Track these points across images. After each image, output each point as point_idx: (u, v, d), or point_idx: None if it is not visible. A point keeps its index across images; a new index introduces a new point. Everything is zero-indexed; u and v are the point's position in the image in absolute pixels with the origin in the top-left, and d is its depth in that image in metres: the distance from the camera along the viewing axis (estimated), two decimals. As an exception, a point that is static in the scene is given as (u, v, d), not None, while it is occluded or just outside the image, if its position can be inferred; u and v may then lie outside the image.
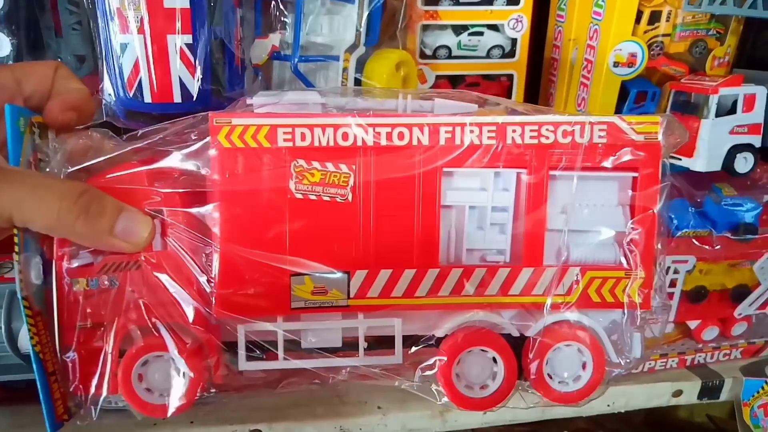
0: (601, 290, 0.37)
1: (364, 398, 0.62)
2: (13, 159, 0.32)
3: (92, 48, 0.56)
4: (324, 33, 0.59)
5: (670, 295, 0.65)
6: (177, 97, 0.53)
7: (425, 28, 0.68)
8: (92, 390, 0.34)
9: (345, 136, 0.34)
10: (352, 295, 0.35)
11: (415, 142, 0.34)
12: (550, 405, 0.41)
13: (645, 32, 0.64)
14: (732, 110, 0.62)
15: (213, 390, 0.36)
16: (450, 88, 0.71)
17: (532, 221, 0.36)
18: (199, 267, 0.34)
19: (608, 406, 0.66)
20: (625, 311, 0.38)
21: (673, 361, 0.68)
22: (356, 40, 0.60)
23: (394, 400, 0.62)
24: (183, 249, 0.34)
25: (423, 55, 0.69)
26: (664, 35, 0.65)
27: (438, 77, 0.70)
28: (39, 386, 0.32)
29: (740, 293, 0.67)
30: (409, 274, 0.35)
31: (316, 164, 0.33)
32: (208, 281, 0.34)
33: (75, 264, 0.33)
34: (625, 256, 0.37)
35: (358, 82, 0.61)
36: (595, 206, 0.36)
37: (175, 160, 0.35)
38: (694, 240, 0.63)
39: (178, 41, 0.51)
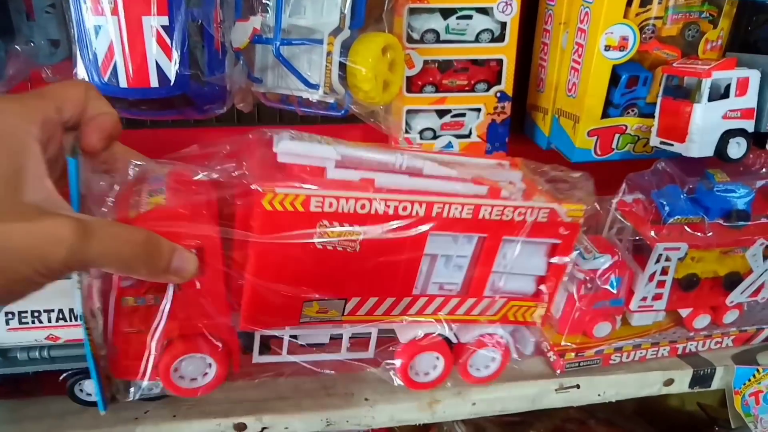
0: (517, 314, 0.53)
1: (351, 390, 0.61)
2: (75, 204, 0.36)
3: (67, 32, 0.54)
4: (307, 15, 0.57)
5: (662, 283, 0.64)
6: (154, 82, 0.51)
7: (412, 11, 0.66)
8: (136, 377, 0.44)
9: (363, 206, 0.43)
10: (345, 314, 0.47)
11: (414, 214, 0.44)
12: (467, 386, 0.58)
13: (637, 15, 0.63)
14: (725, 94, 0.60)
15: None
16: (438, 73, 0.70)
17: (482, 267, 0.49)
18: (228, 291, 0.44)
19: (599, 395, 0.65)
20: (528, 327, 0.56)
21: (664, 349, 0.68)
22: (341, 23, 0.58)
23: (382, 391, 0.61)
24: (216, 276, 0.43)
25: (410, 39, 0.67)
26: (656, 18, 0.64)
27: (426, 62, 0.69)
28: (93, 378, 0.42)
29: (732, 281, 0.67)
30: (390, 300, 0.48)
31: (336, 224, 0.43)
32: (235, 301, 0.44)
33: (125, 284, 0.41)
34: (539, 292, 0.53)
35: (342, 66, 0.60)
36: (528, 258, 0.50)
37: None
38: (686, 227, 0.62)
39: (153, 23, 0.49)
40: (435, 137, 0.73)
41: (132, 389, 0.44)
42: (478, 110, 0.72)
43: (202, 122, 0.74)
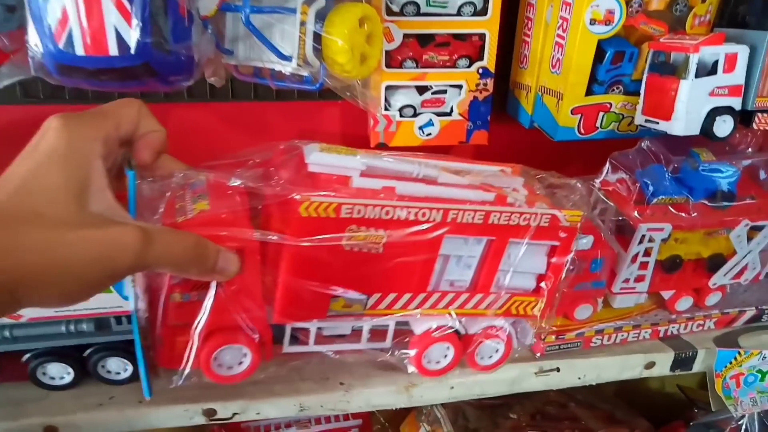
0: (519, 308, 0.57)
1: (326, 374, 0.59)
2: (132, 212, 0.41)
3: (22, -4, 0.51)
4: (279, -18, 0.54)
5: (644, 265, 0.62)
6: (113, 50, 0.48)
7: (392, -19, 0.64)
8: (179, 366, 0.47)
9: (387, 213, 0.47)
10: (367, 308, 0.52)
11: (432, 219, 0.49)
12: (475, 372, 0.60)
13: (624, -13, 0.61)
14: (712, 71, 0.59)
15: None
16: (419, 47, 0.67)
17: (489, 266, 0.53)
18: (263, 287, 0.48)
19: (579, 379, 0.64)
20: (528, 320, 0.59)
21: (646, 332, 0.66)
22: (315, -9, 0.55)
23: (358, 375, 0.59)
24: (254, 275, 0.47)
25: (390, 12, 0.65)
26: (643, -10, 0.62)
27: (406, 36, 0.66)
28: (140, 365, 0.46)
29: (716, 262, 0.66)
30: (407, 296, 0.52)
31: (363, 229, 0.47)
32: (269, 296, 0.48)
33: (174, 282, 0.45)
34: (539, 288, 0.56)
35: (317, 37, 0.57)
36: (530, 258, 0.54)
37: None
38: (670, 207, 0.61)
39: (111, -15, 0.45)
40: (415, 114, 0.70)
41: (175, 377, 0.48)
42: (460, 87, 0.70)
43: (173, 97, 0.71)
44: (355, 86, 0.61)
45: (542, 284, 0.56)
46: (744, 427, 0.70)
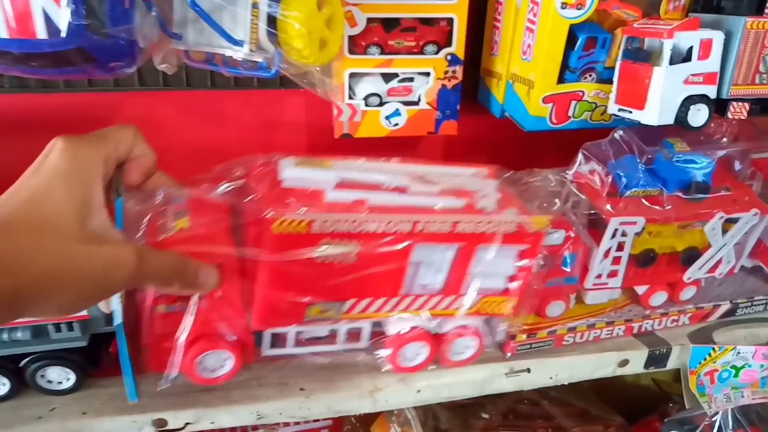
0: (491, 307, 0.57)
1: (285, 380, 0.56)
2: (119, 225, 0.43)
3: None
4: (227, -40, 0.50)
5: (617, 260, 0.60)
6: (41, 33, 0.43)
7: (353, -38, 0.60)
8: (166, 370, 0.49)
9: (357, 226, 0.49)
10: (342, 313, 0.53)
11: (400, 231, 0.50)
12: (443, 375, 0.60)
13: (596, -31, 0.58)
14: (687, 58, 0.56)
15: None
16: (384, 32, 0.63)
17: (459, 270, 0.54)
18: (243, 296, 0.50)
19: (551, 378, 0.62)
20: (499, 318, 0.60)
21: (619, 329, 0.64)
22: (269, -29, 0.51)
23: (320, 379, 0.56)
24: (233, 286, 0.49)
25: (353, -5, 0.61)
26: (616, -27, 0.59)
27: (370, 20, 0.62)
28: (124, 372, 0.48)
29: (690, 256, 0.64)
30: (381, 300, 0.54)
31: (336, 242, 0.49)
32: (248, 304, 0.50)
33: (158, 295, 0.48)
34: (508, 288, 0.57)
35: (273, 20, 0.53)
36: (499, 261, 0.55)
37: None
38: (643, 200, 0.58)
39: (36, -40, 0.41)
40: (381, 104, 0.67)
41: (162, 380, 0.50)
42: (427, 74, 0.66)
43: (124, 85, 0.67)
44: (313, 73, 0.57)
45: (511, 285, 0.56)
46: (718, 423, 0.69)
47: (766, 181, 0.68)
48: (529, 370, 0.60)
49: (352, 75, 0.65)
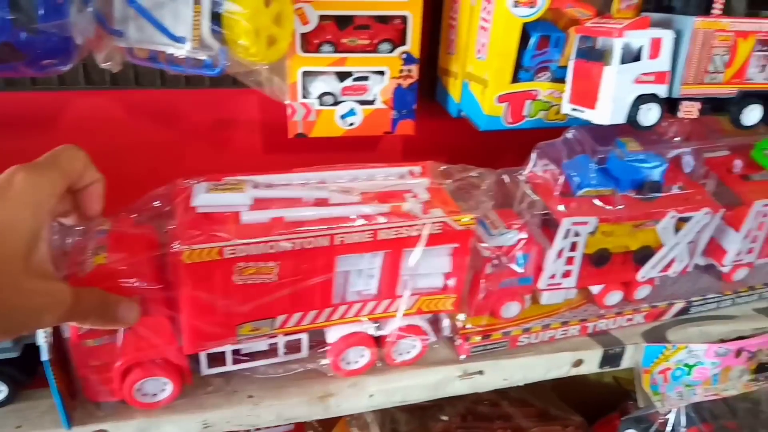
0: (431, 305, 0.58)
1: (233, 387, 0.55)
2: None
3: None
4: (167, -46, 0.48)
5: (571, 260, 0.60)
6: (-37, 28, 0.41)
7: (305, -42, 0.59)
8: (101, 398, 0.51)
9: (272, 247, 0.48)
10: (276, 328, 0.53)
11: (318, 245, 0.50)
12: (363, 377, 0.59)
13: (548, -33, 0.57)
14: (637, 56, 0.56)
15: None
16: (337, 30, 0.62)
17: (391, 274, 0.54)
18: (171, 324, 0.50)
19: (505, 380, 0.61)
20: (441, 314, 0.60)
21: (574, 329, 0.64)
22: (212, -34, 0.50)
23: (269, 387, 0.55)
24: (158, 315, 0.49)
25: (304, -9, 0.60)
26: (569, -28, 0.59)
27: (322, 17, 0.61)
28: (57, 404, 0.48)
29: (644, 255, 0.64)
30: (313, 312, 0.54)
31: (251, 264, 0.48)
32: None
33: (82, 331, 0.48)
34: (446, 285, 0.57)
35: (218, 17, 0.51)
36: (432, 260, 0.55)
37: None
38: (595, 200, 0.58)
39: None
40: (336, 103, 0.66)
41: (99, 411, 0.51)
42: (382, 73, 0.65)
43: (69, 83, 0.64)
44: (261, 72, 0.56)
45: (449, 281, 0.57)
46: (671, 422, 0.69)
47: (720, 179, 0.68)
48: (482, 372, 0.60)
49: (306, 74, 0.64)
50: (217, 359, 0.54)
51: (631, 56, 0.56)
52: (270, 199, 0.52)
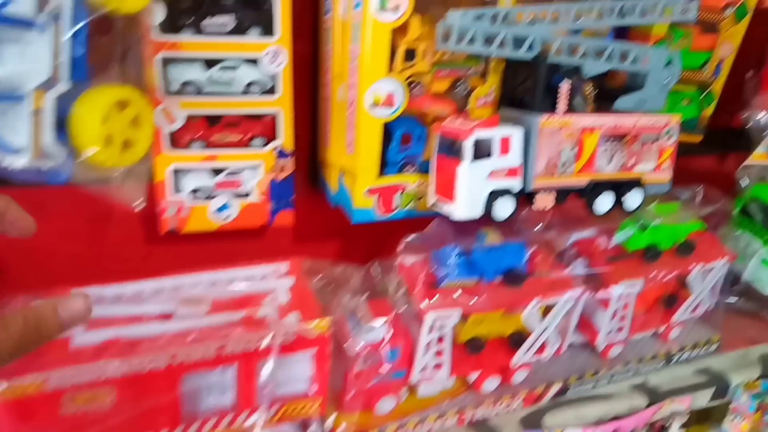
0: (295, 411, 0.56)
1: None
2: None
3: None
4: (3, 63, 0.48)
5: (440, 353, 0.60)
6: None
7: (168, 61, 0.59)
8: None
9: (99, 375, 0.46)
10: None
11: (155, 367, 0.48)
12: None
13: (402, 70, 0.60)
14: (489, 153, 0.59)
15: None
16: (207, 127, 0.63)
17: (247, 386, 0.53)
18: None
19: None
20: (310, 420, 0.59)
21: (451, 420, 0.64)
22: (54, 74, 0.49)
23: None
24: None
25: (170, 92, 0.60)
26: (423, 73, 0.62)
27: (191, 117, 0.61)
28: None
29: (517, 340, 0.65)
30: (164, 430, 0.51)
31: (81, 393, 0.46)
32: None
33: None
34: (310, 390, 0.56)
35: (62, 126, 0.51)
36: (292, 366, 0.54)
37: None
38: (458, 291, 0.59)
39: None
40: (209, 197, 0.65)
41: None
42: (256, 167, 0.66)
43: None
44: (116, 178, 0.55)
45: (312, 386, 0.56)
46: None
47: (590, 259, 0.71)
48: (352, 477, 0.58)
49: (177, 170, 0.63)
50: None
51: (483, 153, 0.59)
52: (108, 317, 0.50)
